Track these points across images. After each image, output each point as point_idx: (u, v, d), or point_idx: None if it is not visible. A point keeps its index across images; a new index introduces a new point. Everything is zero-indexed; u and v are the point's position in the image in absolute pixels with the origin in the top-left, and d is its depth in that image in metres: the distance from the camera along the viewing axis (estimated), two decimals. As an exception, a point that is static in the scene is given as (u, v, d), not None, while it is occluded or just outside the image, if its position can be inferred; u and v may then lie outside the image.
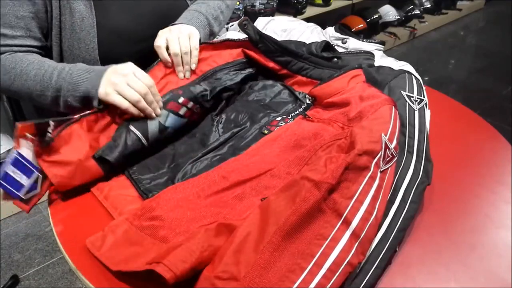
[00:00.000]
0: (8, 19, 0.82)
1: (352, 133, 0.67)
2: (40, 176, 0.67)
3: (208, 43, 0.91)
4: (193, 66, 0.88)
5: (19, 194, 0.65)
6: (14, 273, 1.55)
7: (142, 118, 0.77)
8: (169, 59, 0.86)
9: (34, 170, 0.67)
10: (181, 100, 0.81)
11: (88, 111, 0.76)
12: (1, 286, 1.49)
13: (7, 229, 1.76)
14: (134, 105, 0.75)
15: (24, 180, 0.66)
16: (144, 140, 0.76)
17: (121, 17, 0.90)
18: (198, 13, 0.96)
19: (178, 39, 0.86)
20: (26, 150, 0.67)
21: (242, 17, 0.90)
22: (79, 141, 0.72)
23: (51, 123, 0.70)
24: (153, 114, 0.77)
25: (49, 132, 0.70)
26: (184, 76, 0.87)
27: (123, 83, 0.75)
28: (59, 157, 0.69)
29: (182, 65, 0.87)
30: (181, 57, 0.86)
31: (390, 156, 0.64)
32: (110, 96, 0.75)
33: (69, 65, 0.81)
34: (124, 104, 0.74)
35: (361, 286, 0.53)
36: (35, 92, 0.80)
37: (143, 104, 0.75)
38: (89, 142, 0.73)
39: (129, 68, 0.78)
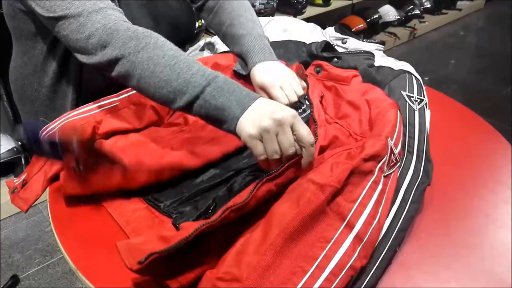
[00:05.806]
0: None
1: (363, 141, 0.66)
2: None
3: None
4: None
5: None
6: (14, 273, 1.55)
7: None
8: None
9: None
10: None
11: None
12: (1, 286, 1.49)
13: (7, 229, 1.75)
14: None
15: None
16: None
17: (142, 20, 0.91)
18: (262, 37, 0.89)
19: (291, 85, 0.81)
20: None
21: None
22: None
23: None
24: None
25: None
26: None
27: (273, 134, 0.59)
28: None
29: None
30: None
31: (394, 161, 0.64)
32: (252, 141, 0.59)
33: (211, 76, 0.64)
34: (261, 156, 0.60)
35: (362, 286, 0.53)
36: (159, 82, 0.64)
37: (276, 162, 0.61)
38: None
39: (289, 118, 0.59)
